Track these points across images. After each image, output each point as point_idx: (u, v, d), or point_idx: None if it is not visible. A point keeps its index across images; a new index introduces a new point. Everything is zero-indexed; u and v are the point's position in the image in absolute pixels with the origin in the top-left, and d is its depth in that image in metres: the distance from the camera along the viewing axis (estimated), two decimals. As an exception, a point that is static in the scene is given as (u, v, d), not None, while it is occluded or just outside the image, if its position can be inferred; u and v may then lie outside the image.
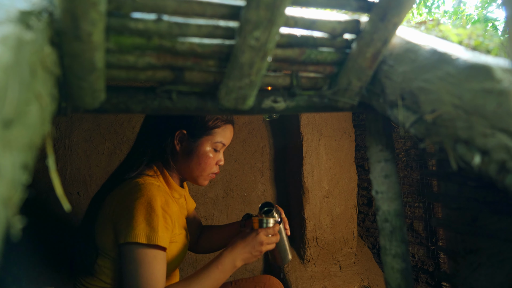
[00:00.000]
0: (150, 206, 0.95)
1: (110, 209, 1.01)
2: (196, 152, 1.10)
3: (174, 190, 1.14)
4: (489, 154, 0.46)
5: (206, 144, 1.10)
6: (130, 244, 0.93)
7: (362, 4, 0.61)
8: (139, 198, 0.96)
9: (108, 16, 0.50)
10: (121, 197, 1.01)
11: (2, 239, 0.30)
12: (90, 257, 1.03)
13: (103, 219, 1.02)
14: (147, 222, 0.94)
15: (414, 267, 2.05)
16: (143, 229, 0.93)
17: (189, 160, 1.11)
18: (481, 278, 0.73)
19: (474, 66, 0.49)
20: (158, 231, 0.94)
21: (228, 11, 0.54)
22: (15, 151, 0.32)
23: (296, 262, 2.02)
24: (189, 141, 1.11)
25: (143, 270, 0.92)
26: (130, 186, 1.02)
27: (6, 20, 0.37)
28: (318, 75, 0.72)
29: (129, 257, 0.94)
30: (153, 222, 0.94)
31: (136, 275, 0.92)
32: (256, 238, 1.06)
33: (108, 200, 1.04)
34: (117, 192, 1.04)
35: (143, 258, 0.93)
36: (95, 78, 0.54)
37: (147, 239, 0.92)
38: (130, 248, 0.94)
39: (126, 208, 0.96)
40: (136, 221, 0.93)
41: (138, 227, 0.93)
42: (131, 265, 0.93)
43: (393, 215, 0.78)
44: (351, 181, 2.09)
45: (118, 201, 1.00)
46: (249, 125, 2.24)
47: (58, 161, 1.81)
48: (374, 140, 0.81)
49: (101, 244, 1.02)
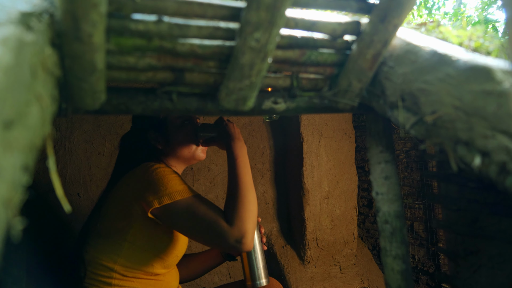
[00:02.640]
0: (169, 171, 1.03)
1: (126, 191, 1.04)
2: (172, 134, 1.17)
3: None
4: (490, 155, 0.46)
5: (173, 122, 1.18)
6: (169, 205, 0.97)
7: (362, 5, 0.61)
8: (156, 169, 1.02)
9: (109, 17, 0.50)
10: (137, 176, 1.05)
11: (2, 240, 0.30)
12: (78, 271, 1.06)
13: (115, 204, 1.05)
14: (173, 183, 0.99)
15: (414, 268, 2.04)
16: (172, 187, 0.98)
17: (174, 144, 1.17)
18: (481, 280, 0.73)
19: (474, 68, 0.49)
20: (185, 185, 1.01)
21: (229, 12, 0.55)
22: (16, 152, 0.32)
23: (296, 264, 2.01)
24: (161, 134, 1.17)
25: (200, 211, 0.96)
26: (142, 167, 1.06)
27: (7, 22, 0.38)
28: (318, 76, 0.72)
29: (178, 211, 0.97)
30: (176, 181, 1.01)
31: (196, 218, 0.96)
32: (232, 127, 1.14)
33: (120, 186, 1.08)
34: (129, 177, 1.08)
35: (192, 204, 0.97)
36: (95, 79, 0.54)
37: (179, 194, 0.98)
38: (173, 206, 0.97)
39: (148, 180, 1.00)
40: (163, 185, 0.98)
41: (168, 188, 0.97)
42: (186, 215, 0.97)
43: (393, 216, 0.78)
44: (351, 182, 2.09)
45: (137, 180, 1.04)
46: (249, 126, 2.24)
47: (58, 162, 1.81)
48: (375, 141, 0.81)
49: (111, 229, 1.04)
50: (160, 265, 1.07)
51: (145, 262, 1.04)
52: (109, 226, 1.04)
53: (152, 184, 0.98)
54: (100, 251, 1.03)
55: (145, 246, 1.03)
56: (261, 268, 1.18)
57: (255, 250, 1.18)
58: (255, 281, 1.17)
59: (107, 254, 1.02)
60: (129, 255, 1.02)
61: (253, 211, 0.99)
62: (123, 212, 1.02)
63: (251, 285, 1.18)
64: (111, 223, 1.04)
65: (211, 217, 0.95)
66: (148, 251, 1.04)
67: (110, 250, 1.02)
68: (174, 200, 0.96)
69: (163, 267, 1.08)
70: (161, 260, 1.06)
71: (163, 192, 0.96)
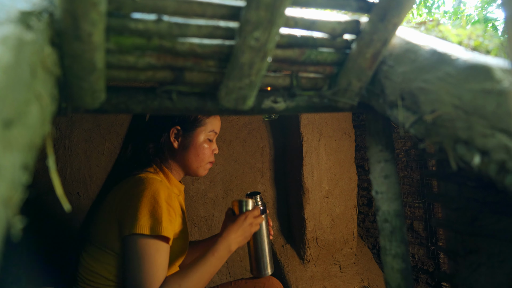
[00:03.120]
0: (154, 199, 0.98)
1: (113, 204, 1.03)
2: (193, 144, 1.16)
3: (175, 186, 1.18)
4: (489, 154, 0.46)
5: (200, 135, 1.17)
6: (134, 236, 0.95)
7: (362, 4, 0.61)
8: (143, 191, 0.98)
9: (108, 16, 0.50)
10: (125, 191, 1.03)
11: (2, 239, 0.30)
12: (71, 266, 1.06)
13: (106, 214, 1.04)
14: (151, 214, 0.96)
15: (414, 267, 2.05)
16: (147, 220, 0.95)
17: (187, 153, 1.16)
18: (481, 278, 0.73)
19: (474, 67, 0.49)
20: (162, 222, 0.96)
21: (228, 11, 0.55)
22: (16, 151, 0.32)
23: (296, 263, 2.02)
24: (184, 136, 1.16)
25: (145, 262, 0.94)
26: (133, 181, 1.04)
27: (6, 21, 0.38)
28: (318, 76, 0.72)
29: (132, 248, 0.95)
30: (157, 213, 0.96)
31: (138, 266, 0.93)
32: (246, 220, 1.12)
33: (111, 195, 1.06)
34: (120, 187, 1.06)
35: (146, 250, 0.94)
36: (95, 78, 0.54)
37: (151, 230, 0.94)
38: (134, 240, 0.95)
39: (130, 201, 0.98)
40: (140, 213, 0.95)
41: (142, 218, 0.94)
42: (134, 257, 0.94)
43: (393, 215, 0.78)
44: (351, 181, 2.09)
45: (122, 195, 1.02)
46: (249, 125, 2.24)
47: (58, 162, 1.81)
48: (374, 140, 0.81)
49: (103, 238, 1.03)
50: None
51: None
52: (99, 236, 1.04)
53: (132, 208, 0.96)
54: (95, 260, 1.03)
55: None
56: (267, 259, 1.22)
57: (262, 242, 1.20)
58: (260, 271, 1.21)
59: (102, 264, 1.02)
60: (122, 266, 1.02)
61: None
62: (110, 224, 1.01)
63: (256, 274, 1.22)
64: (100, 233, 1.04)
65: (148, 277, 0.92)
66: None
67: (104, 260, 1.02)
68: (142, 233, 0.93)
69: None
70: None
71: (138, 222, 0.93)
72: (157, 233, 0.94)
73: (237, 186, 2.17)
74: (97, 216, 1.08)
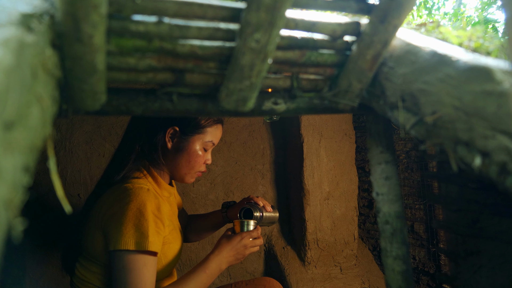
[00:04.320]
0: (140, 212, 0.95)
1: (99, 216, 1.00)
2: (187, 150, 1.11)
3: (164, 189, 1.14)
4: (490, 156, 0.46)
5: (197, 143, 1.11)
6: (120, 251, 0.93)
7: (362, 6, 0.61)
8: (128, 204, 0.95)
9: (109, 18, 0.51)
10: (110, 203, 1.00)
11: (3, 241, 0.30)
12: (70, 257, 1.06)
13: (92, 225, 1.02)
14: (136, 228, 0.93)
15: (415, 269, 2.04)
16: (132, 235, 0.92)
17: (178, 157, 1.11)
18: (482, 280, 0.73)
19: (474, 68, 0.49)
20: (149, 237, 0.93)
21: (229, 13, 0.55)
22: (16, 153, 0.32)
23: (297, 264, 2.01)
24: (180, 138, 1.11)
25: (132, 277, 0.91)
26: (119, 192, 1.01)
27: (7, 23, 0.38)
28: (318, 77, 0.72)
29: (119, 264, 0.93)
30: (143, 227, 0.94)
31: (125, 282, 0.91)
32: (241, 242, 1.08)
33: (98, 206, 1.04)
34: (106, 197, 1.03)
35: (133, 266, 0.92)
36: (96, 80, 0.54)
37: (136, 245, 0.92)
38: (120, 255, 0.93)
39: (116, 215, 0.95)
40: (125, 227, 0.93)
41: (127, 234, 0.92)
42: (121, 273, 0.92)
43: (393, 217, 0.78)
44: (352, 183, 2.09)
45: (107, 208, 0.99)
46: (250, 127, 2.24)
47: (58, 163, 1.81)
48: (375, 142, 0.81)
49: (91, 250, 1.01)
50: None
51: None
52: (88, 248, 1.03)
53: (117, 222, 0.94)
54: (87, 270, 1.03)
55: None
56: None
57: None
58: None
59: (94, 275, 1.02)
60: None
61: None
62: (96, 238, 1.00)
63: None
64: (90, 246, 1.02)
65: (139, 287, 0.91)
66: None
67: (96, 271, 1.02)
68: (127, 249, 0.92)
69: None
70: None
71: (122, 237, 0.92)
72: (144, 248, 0.92)
73: (237, 187, 2.17)
74: (85, 227, 1.06)
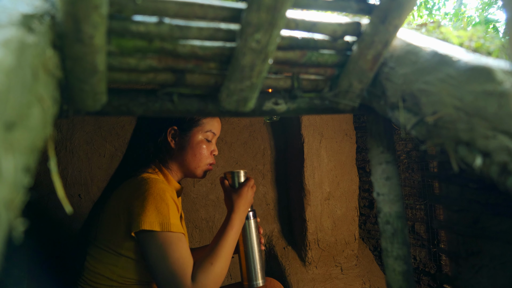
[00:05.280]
0: (160, 196, 0.99)
1: (118, 205, 1.03)
2: (190, 144, 1.16)
3: (174, 187, 1.18)
4: (491, 156, 0.46)
5: (197, 135, 1.17)
6: (149, 232, 0.95)
7: (363, 6, 0.61)
8: (148, 190, 1.00)
9: (110, 19, 0.51)
10: (129, 191, 1.04)
11: (3, 241, 0.30)
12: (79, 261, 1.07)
13: (111, 217, 1.04)
14: (158, 211, 0.97)
15: (415, 269, 2.04)
16: (156, 216, 0.96)
17: (184, 153, 1.17)
18: (483, 280, 0.72)
19: (475, 68, 0.49)
20: (170, 219, 0.97)
21: (229, 13, 0.55)
22: (17, 153, 0.32)
23: (298, 265, 2.01)
24: (181, 136, 1.17)
25: (169, 253, 0.94)
26: (137, 181, 1.05)
27: (8, 24, 0.38)
28: (319, 77, 0.72)
29: (153, 243, 0.96)
30: (164, 210, 0.97)
31: (163, 260, 0.94)
32: (249, 191, 1.17)
33: (115, 197, 1.07)
34: (124, 187, 1.07)
35: (166, 241, 0.95)
36: (96, 80, 0.54)
37: (160, 226, 0.95)
38: (152, 235, 0.96)
39: (137, 200, 0.98)
40: (148, 210, 0.96)
41: (151, 215, 0.95)
42: (155, 252, 0.95)
43: (394, 217, 0.78)
44: (352, 183, 2.09)
45: (128, 195, 1.03)
46: (250, 127, 2.24)
47: (59, 164, 1.81)
48: (375, 142, 0.81)
49: (109, 241, 1.03)
50: None
51: (144, 273, 1.04)
52: (104, 237, 1.04)
53: (139, 205, 0.97)
54: (98, 261, 1.03)
55: (141, 259, 1.03)
56: (258, 269, 1.20)
57: (253, 251, 1.19)
58: (251, 282, 1.19)
59: (106, 265, 1.03)
60: (127, 266, 1.02)
61: (221, 278, 0.99)
62: (115, 225, 1.01)
63: (247, 285, 1.20)
64: (105, 235, 1.04)
65: (179, 265, 0.93)
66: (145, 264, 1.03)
67: (108, 261, 1.03)
68: (153, 230, 0.94)
69: None
70: None
71: (146, 218, 0.94)
72: (168, 229, 0.96)
73: (238, 188, 2.17)
74: (100, 218, 1.08)
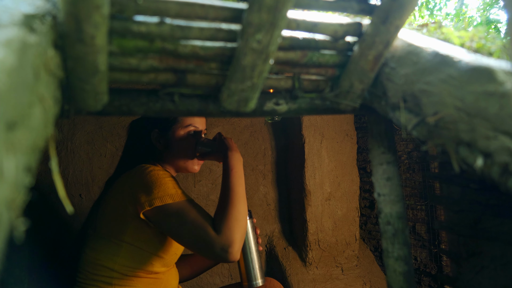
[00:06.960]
0: (161, 175, 1.03)
1: (121, 191, 1.05)
2: (173, 141, 1.20)
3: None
4: (492, 156, 0.46)
5: (178, 132, 1.20)
6: (160, 207, 0.97)
7: (364, 6, 0.61)
8: (151, 172, 1.03)
9: (111, 19, 0.51)
10: (132, 178, 1.06)
11: (5, 241, 0.30)
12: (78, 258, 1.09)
13: (115, 203, 1.06)
14: (165, 186, 1.00)
15: (416, 270, 2.04)
16: (164, 191, 0.99)
17: (172, 151, 1.20)
18: (484, 281, 0.72)
19: (476, 69, 0.49)
20: (177, 190, 1.01)
21: (230, 14, 0.55)
22: (19, 153, 0.32)
23: (298, 265, 2.01)
24: (164, 136, 1.20)
25: (186, 217, 0.96)
26: (137, 169, 1.08)
27: (10, 23, 0.38)
28: (320, 78, 0.72)
29: (168, 215, 0.98)
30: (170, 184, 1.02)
31: (182, 225, 0.96)
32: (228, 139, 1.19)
33: (116, 187, 1.09)
34: (125, 177, 1.09)
35: (181, 208, 0.98)
36: (98, 80, 0.54)
37: (171, 198, 0.98)
38: (164, 209, 0.98)
39: (141, 182, 1.01)
40: (156, 187, 0.99)
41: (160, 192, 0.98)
42: (176, 219, 0.97)
43: (395, 217, 0.78)
44: (353, 183, 2.09)
45: (131, 181, 1.05)
46: (251, 127, 2.24)
47: (60, 164, 1.82)
48: (376, 142, 0.81)
49: (109, 229, 1.05)
50: (159, 263, 1.07)
51: (144, 261, 1.05)
52: (106, 227, 1.05)
53: (145, 186, 0.99)
54: (99, 252, 1.04)
55: (143, 245, 1.04)
56: (257, 269, 1.21)
57: (250, 251, 1.20)
58: (251, 282, 1.20)
59: (106, 255, 1.03)
60: (128, 255, 1.03)
61: (243, 221, 1.00)
62: (119, 213, 1.03)
63: (247, 285, 1.21)
64: (108, 224, 1.05)
65: (199, 224, 0.95)
66: (147, 250, 1.05)
67: (109, 251, 1.03)
68: (165, 203, 0.97)
69: (162, 265, 1.09)
70: (160, 259, 1.07)
71: (155, 195, 0.97)
72: (178, 199, 0.99)
73: (239, 188, 2.17)
74: (101, 209, 1.10)
